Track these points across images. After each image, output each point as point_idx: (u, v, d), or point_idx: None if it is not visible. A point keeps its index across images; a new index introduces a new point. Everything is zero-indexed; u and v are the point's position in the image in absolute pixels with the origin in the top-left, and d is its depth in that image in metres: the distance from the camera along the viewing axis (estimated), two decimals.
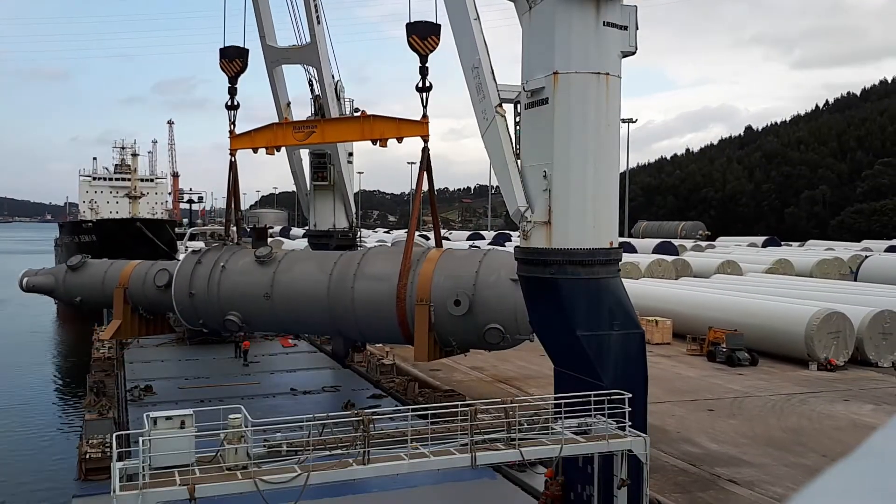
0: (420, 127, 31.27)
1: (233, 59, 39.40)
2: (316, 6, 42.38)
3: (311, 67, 43.73)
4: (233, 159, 39.11)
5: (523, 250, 24.27)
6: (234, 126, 39.28)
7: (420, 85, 31.01)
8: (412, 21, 30.61)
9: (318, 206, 45.99)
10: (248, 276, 34.63)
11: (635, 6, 23.71)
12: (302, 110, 46.78)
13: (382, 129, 32.83)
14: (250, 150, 38.88)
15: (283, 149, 43.72)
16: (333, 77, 44.46)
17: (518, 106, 25.14)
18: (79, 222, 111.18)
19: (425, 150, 31.04)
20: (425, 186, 31.96)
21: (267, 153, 37.41)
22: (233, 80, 39.73)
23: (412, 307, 28.38)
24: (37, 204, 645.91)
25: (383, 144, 32.86)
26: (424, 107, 31.20)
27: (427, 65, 31.17)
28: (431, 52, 30.82)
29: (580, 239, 23.37)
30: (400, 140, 32.53)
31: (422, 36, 30.58)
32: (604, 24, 23.15)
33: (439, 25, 30.85)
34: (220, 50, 39.59)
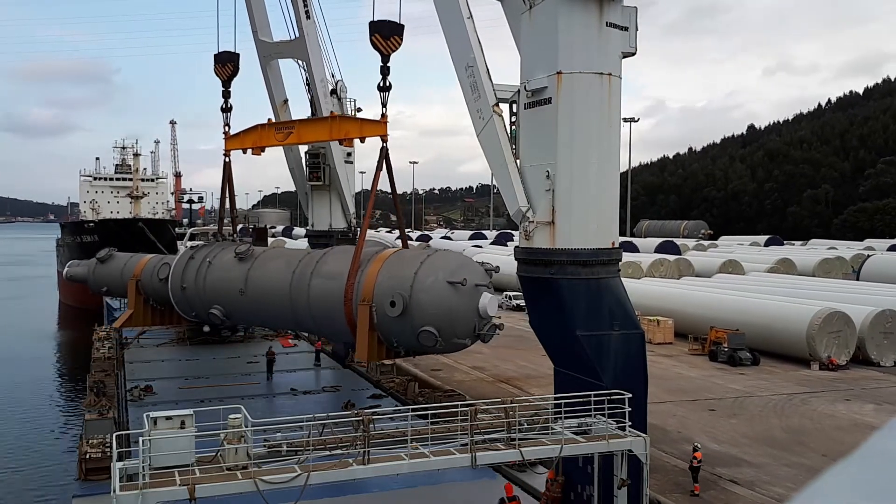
0: (379, 127, 31.12)
1: (225, 64, 40.56)
2: (305, 1, 42.71)
3: (307, 72, 43.88)
4: (227, 159, 39.74)
5: (525, 250, 24.22)
6: (229, 127, 39.99)
7: (381, 84, 30.87)
8: (375, 20, 30.51)
9: (316, 206, 46.09)
10: (227, 272, 35.62)
11: (635, 7, 23.75)
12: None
13: (347, 128, 32.93)
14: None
15: (282, 148, 43.99)
16: (333, 76, 44.59)
17: (513, 105, 25.07)
18: (80, 222, 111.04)
19: (383, 150, 30.85)
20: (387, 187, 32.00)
21: (253, 153, 37.91)
22: (226, 84, 41.12)
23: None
24: (39, 204, 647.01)
25: (349, 144, 33.12)
26: (384, 106, 30.96)
27: (389, 64, 30.96)
28: (394, 51, 30.64)
29: (584, 239, 23.36)
30: (362, 140, 32.65)
31: (385, 35, 30.31)
32: (606, 25, 23.16)
33: (402, 26, 30.79)
34: (214, 56, 40.87)
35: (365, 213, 33.31)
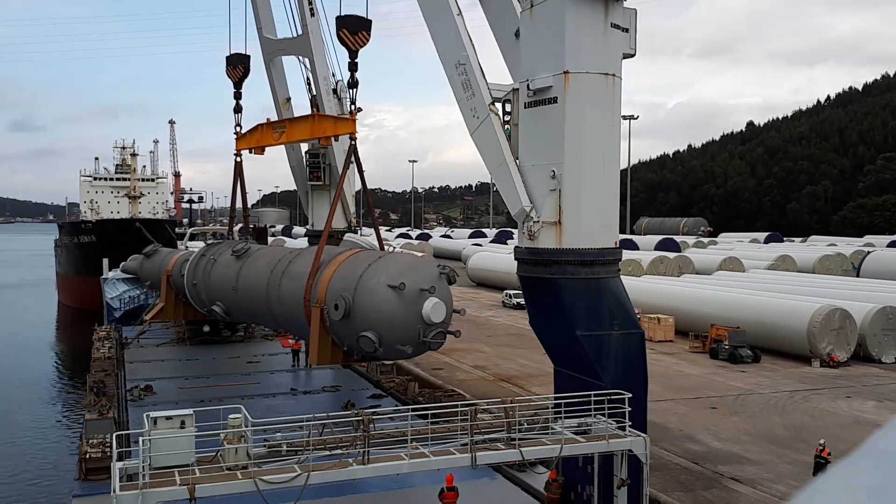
0: (348, 124, 30.68)
1: (236, 66, 41.28)
2: None
3: (308, 67, 44.01)
4: (238, 159, 40.50)
5: (530, 251, 23.96)
6: (241, 128, 40.80)
7: (349, 81, 30.49)
8: (342, 15, 30.15)
9: (316, 205, 46.15)
10: (226, 270, 36.27)
11: (635, 9, 23.71)
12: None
13: (324, 127, 32.86)
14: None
15: (284, 147, 44.25)
16: (334, 76, 44.57)
17: (506, 105, 24.84)
18: (78, 223, 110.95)
19: (352, 147, 30.43)
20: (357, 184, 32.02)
21: (255, 153, 38.40)
22: (237, 85, 42.04)
23: None
24: (38, 204, 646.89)
25: (325, 142, 33.23)
26: (353, 103, 30.56)
27: (357, 60, 30.49)
28: (362, 47, 30.16)
29: (591, 239, 23.31)
30: (336, 138, 32.59)
31: (352, 31, 29.68)
32: (611, 26, 23.14)
33: (370, 21, 30.34)
34: (227, 58, 41.73)
35: (329, 214, 33.18)
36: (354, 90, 30.26)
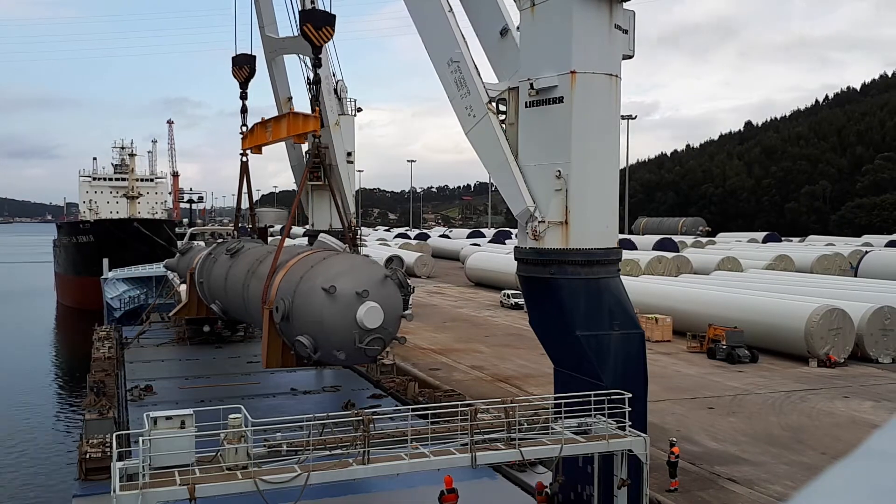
0: (311, 122, 30.40)
1: (242, 66, 41.68)
2: None
3: (309, 68, 44.25)
4: (244, 159, 40.93)
5: (536, 251, 23.89)
6: (247, 127, 41.15)
7: (311, 77, 30.18)
8: (306, 10, 29.99)
9: (316, 205, 46.27)
10: (221, 269, 36.85)
11: (633, 11, 23.78)
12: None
13: (297, 125, 32.99)
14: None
15: (285, 146, 44.63)
16: (334, 76, 44.73)
17: (500, 104, 24.80)
18: (76, 223, 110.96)
19: (315, 145, 30.10)
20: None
21: (253, 152, 38.75)
22: (243, 85, 42.37)
23: None
24: (37, 204, 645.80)
25: (298, 140, 33.52)
26: (315, 100, 30.28)
27: (320, 56, 30.00)
28: (326, 42, 29.86)
29: (597, 239, 23.36)
30: (304, 136, 32.95)
31: (316, 26, 29.15)
32: (614, 27, 23.24)
33: (334, 16, 30.05)
34: (232, 58, 42.16)
35: (290, 214, 33.48)
36: (319, 87, 30.07)
